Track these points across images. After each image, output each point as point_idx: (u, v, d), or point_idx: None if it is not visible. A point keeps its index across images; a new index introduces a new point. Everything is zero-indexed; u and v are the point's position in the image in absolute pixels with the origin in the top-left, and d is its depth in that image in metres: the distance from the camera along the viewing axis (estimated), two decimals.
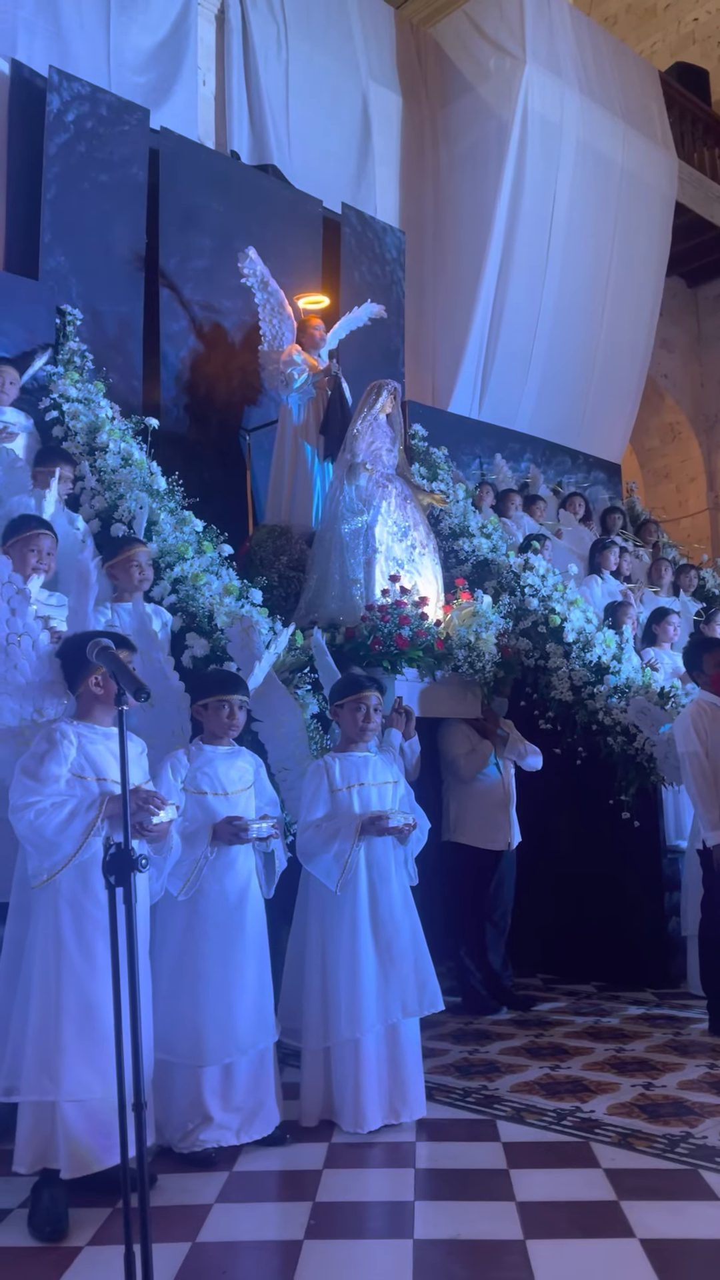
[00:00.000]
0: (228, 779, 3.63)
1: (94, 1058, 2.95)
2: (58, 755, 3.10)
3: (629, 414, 11.39)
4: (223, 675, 3.89)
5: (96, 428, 5.91)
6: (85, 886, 3.05)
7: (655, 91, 11.56)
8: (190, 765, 3.60)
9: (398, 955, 3.68)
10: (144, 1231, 2.16)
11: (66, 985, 3.00)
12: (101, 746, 3.20)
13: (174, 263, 7.51)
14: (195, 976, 3.40)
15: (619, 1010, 5.26)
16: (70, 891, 3.05)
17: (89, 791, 3.09)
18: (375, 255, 8.90)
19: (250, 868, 3.60)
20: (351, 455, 5.93)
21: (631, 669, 6.13)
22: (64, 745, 3.12)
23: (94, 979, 3.00)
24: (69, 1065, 2.94)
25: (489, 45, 10.07)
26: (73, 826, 2.99)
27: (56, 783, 3.08)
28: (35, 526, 4.32)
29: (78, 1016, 2.98)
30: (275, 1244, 2.82)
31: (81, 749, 3.15)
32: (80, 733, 3.19)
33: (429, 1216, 2.93)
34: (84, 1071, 2.95)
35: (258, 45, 8.81)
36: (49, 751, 3.10)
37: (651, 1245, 2.68)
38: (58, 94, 6.95)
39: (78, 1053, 2.95)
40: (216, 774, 3.61)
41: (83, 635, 3.20)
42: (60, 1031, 2.96)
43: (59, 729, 3.16)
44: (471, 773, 5.44)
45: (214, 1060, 3.37)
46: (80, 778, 3.12)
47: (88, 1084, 2.95)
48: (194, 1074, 3.36)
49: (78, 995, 2.99)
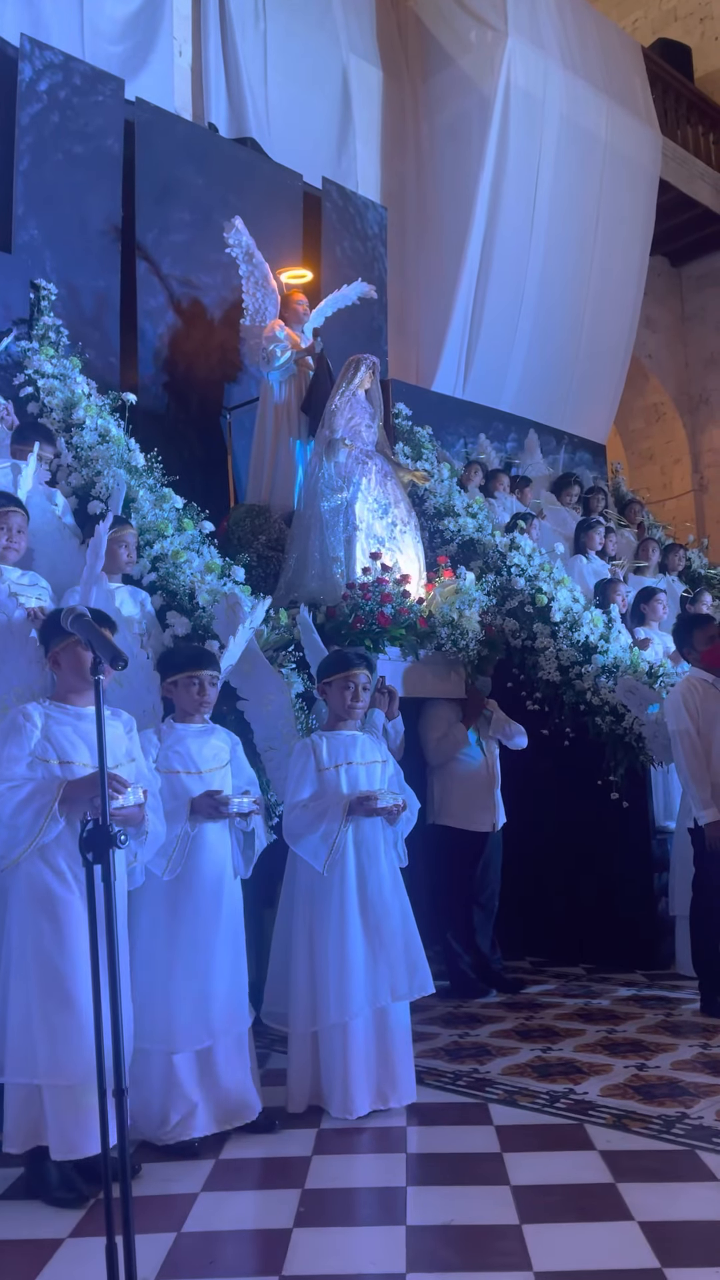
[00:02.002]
0: (200, 757, 3.52)
1: (72, 1041, 2.88)
2: (19, 739, 3.04)
3: (614, 394, 11.30)
4: (191, 650, 3.80)
5: (72, 404, 5.78)
6: (51, 868, 3.00)
7: (638, 67, 11.44)
8: (161, 744, 3.49)
9: (387, 938, 3.60)
10: (126, 1222, 2.08)
11: (39, 969, 2.94)
12: (70, 728, 3.12)
13: (151, 237, 7.35)
14: (168, 960, 3.31)
15: (609, 992, 5.20)
16: (35, 873, 3.00)
17: (50, 775, 3.02)
18: (357, 231, 8.76)
19: (225, 848, 3.49)
20: (330, 431, 5.82)
21: (620, 648, 6.06)
22: (27, 728, 3.06)
23: (65, 961, 2.94)
24: (45, 1048, 2.89)
25: (470, 18, 9.92)
26: (25, 813, 2.92)
27: (17, 765, 3.01)
28: (5, 504, 4.19)
29: (53, 999, 2.92)
30: (263, 1232, 2.73)
31: (47, 731, 3.08)
32: (50, 713, 3.12)
33: (421, 1202, 2.85)
34: (62, 1055, 2.88)
35: (235, 16, 8.64)
36: (9, 735, 3.05)
37: (650, 1227, 2.61)
38: (30, 63, 6.77)
39: (54, 1036, 2.89)
40: (189, 752, 3.51)
41: (60, 609, 3.11)
42: (36, 1014, 2.92)
43: (23, 711, 3.10)
44: (443, 758, 5.35)
45: (189, 1045, 3.27)
46: (43, 760, 3.04)
47: (67, 1068, 2.87)
48: (168, 1060, 3.26)
49: (51, 978, 2.93)
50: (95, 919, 2.20)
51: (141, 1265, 2.31)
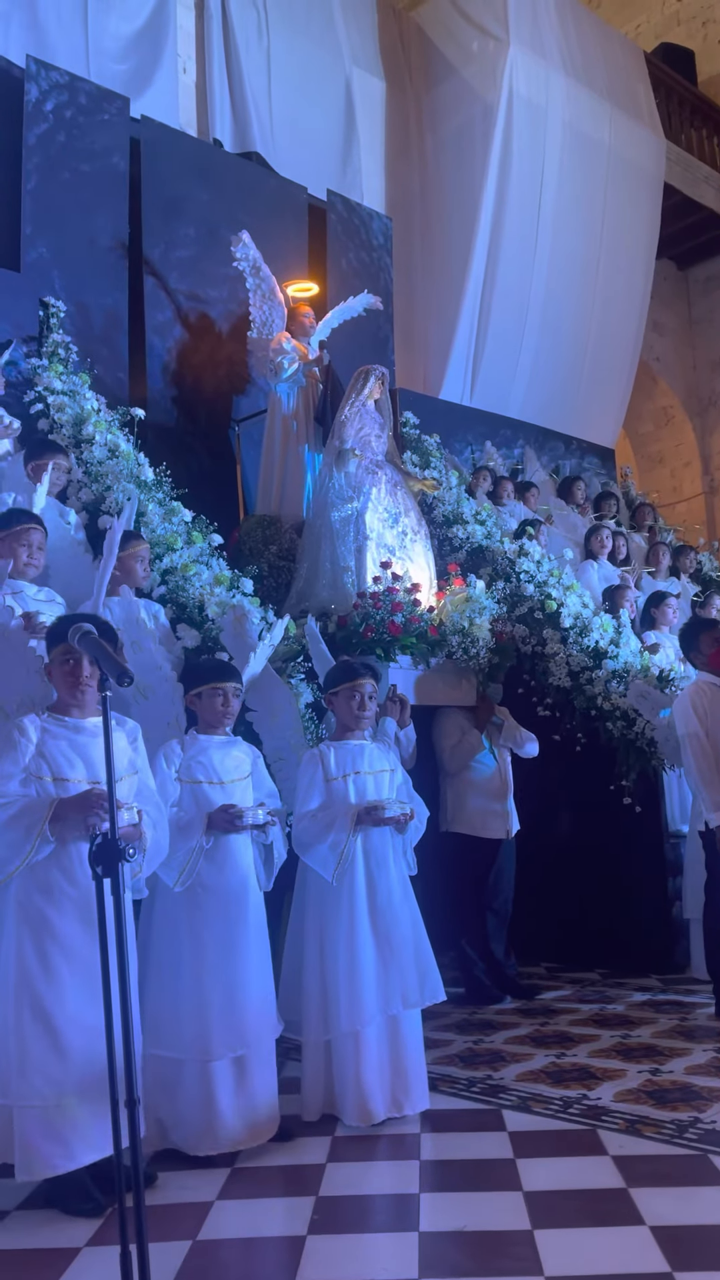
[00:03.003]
0: (223, 768, 3.56)
1: (48, 1064, 2.88)
2: (14, 754, 3.00)
3: (622, 398, 11.31)
4: (216, 663, 3.83)
5: (82, 420, 5.83)
6: (41, 888, 2.96)
7: (641, 72, 11.46)
8: (185, 755, 3.53)
9: (397, 946, 3.62)
10: (140, 1231, 2.11)
11: (21, 990, 2.92)
12: (66, 742, 3.07)
13: (158, 252, 7.42)
14: (199, 970, 3.33)
15: (624, 997, 5.21)
16: (25, 892, 2.97)
17: (43, 793, 2.98)
18: (362, 242, 8.82)
19: (250, 859, 3.52)
20: (340, 442, 5.86)
21: (630, 653, 6.07)
22: (21, 743, 3.01)
23: (49, 982, 2.92)
24: (21, 1071, 2.88)
25: (472, 28, 9.97)
26: (14, 831, 2.89)
27: (9, 781, 2.97)
28: (25, 521, 4.24)
29: (32, 1021, 2.90)
30: (278, 1240, 2.76)
31: (42, 746, 3.03)
32: (47, 727, 3.07)
33: (435, 1208, 2.87)
34: (31, 1075, 2.87)
35: (238, 32, 8.71)
36: (3, 750, 3.00)
37: (662, 1232, 2.62)
38: (36, 83, 6.86)
39: (25, 1057, 2.88)
40: (211, 763, 3.55)
41: (66, 619, 3.13)
42: (11, 1034, 2.90)
43: (19, 725, 3.05)
44: (457, 765, 5.38)
45: (223, 1054, 3.29)
46: (36, 778, 3.00)
47: (40, 1090, 2.87)
48: (203, 1069, 3.28)
49: (32, 1000, 2.91)
50: (105, 932, 2.23)
51: (157, 1273, 2.34)
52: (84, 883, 2.95)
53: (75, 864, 2.97)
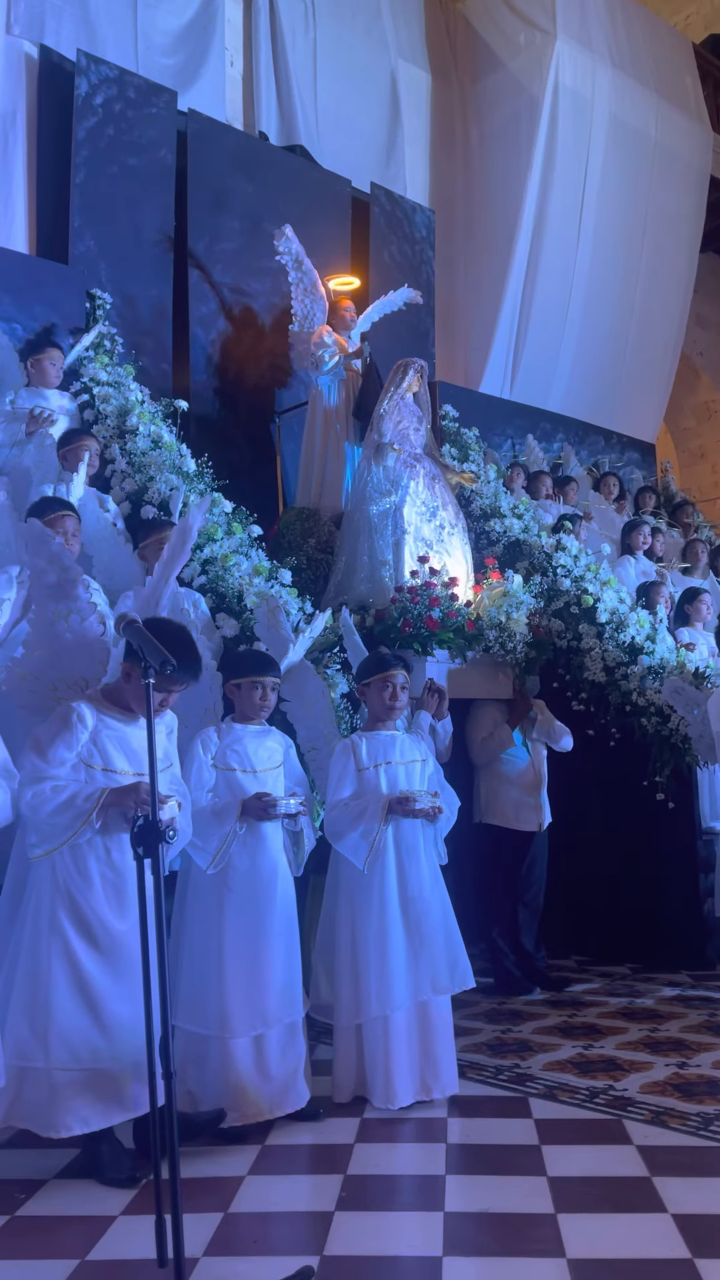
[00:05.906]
0: (257, 757, 3.64)
1: (83, 1031, 2.99)
2: (70, 738, 3.07)
3: (663, 392, 11.25)
4: (257, 656, 3.88)
5: (126, 411, 5.93)
6: (78, 866, 3.06)
7: (689, 64, 11.37)
8: (220, 742, 3.61)
9: (427, 933, 3.68)
10: (175, 1201, 2.18)
11: (57, 961, 3.02)
12: (116, 733, 3.15)
13: (203, 245, 7.50)
14: (224, 950, 3.42)
15: (653, 991, 5.23)
16: (64, 870, 3.07)
17: (93, 781, 3.06)
18: (405, 234, 8.84)
19: (280, 845, 3.61)
20: (378, 435, 5.90)
21: (666, 649, 6.06)
22: (79, 729, 3.08)
23: (88, 955, 3.02)
24: (61, 1036, 2.98)
25: (519, 20, 9.94)
26: (64, 816, 2.98)
27: (63, 766, 3.05)
28: (59, 508, 4.32)
29: (69, 991, 3.01)
30: (307, 1215, 2.83)
31: (96, 735, 3.11)
32: (101, 716, 3.15)
33: (460, 1190, 2.93)
34: (74, 1045, 2.99)
35: (285, 25, 8.75)
36: (60, 733, 3.07)
37: (684, 1220, 2.67)
38: (86, 77, 6.96)
39: (67, 1027, 2.99)
40: (246, 751, 3.62)
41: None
42: (46, 1006, 3.00)
43: (77, 710, 3.11)
44: (486, 757, 5.41)
45: (243, 1032, 3.38)
46: (88, 765, 3.09)
47: (77, 1053, 2.99)
48: (225, 1046, 3.38)
49: (69, 971, 3.02)
50: (145, 910, 2.32)
51: (190, 1243, 2.42)
52: (120, 864, 3.09)
53: (113, 846, 3.09)
